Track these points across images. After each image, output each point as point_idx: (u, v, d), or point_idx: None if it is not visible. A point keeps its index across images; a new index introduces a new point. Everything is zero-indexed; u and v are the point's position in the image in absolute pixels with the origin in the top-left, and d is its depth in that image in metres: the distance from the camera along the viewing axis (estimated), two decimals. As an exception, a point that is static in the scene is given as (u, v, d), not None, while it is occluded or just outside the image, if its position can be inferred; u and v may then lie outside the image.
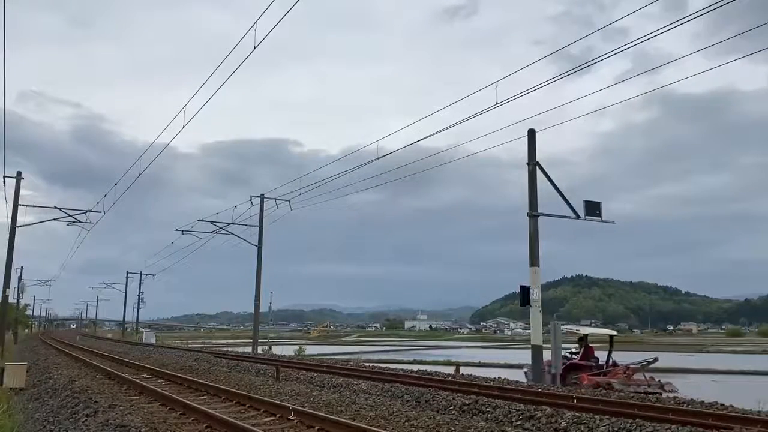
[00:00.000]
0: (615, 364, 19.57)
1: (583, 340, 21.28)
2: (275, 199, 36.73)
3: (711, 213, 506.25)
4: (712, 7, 12.95)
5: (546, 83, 16.96)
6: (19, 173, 31.99)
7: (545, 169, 20.55)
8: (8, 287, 31.46)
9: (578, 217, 20.76)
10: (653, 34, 14.41)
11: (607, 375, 18.66)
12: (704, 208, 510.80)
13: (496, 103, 17.80)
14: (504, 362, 39.11)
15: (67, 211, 33.54)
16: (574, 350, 21.66)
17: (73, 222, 33.89)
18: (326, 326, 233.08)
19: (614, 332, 23.36)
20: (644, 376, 18.38)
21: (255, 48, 12.90)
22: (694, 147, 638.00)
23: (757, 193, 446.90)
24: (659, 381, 17.91)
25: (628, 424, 9.37)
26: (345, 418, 9.46)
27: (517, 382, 17.50)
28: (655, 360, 19.76)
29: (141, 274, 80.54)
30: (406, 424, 9.75)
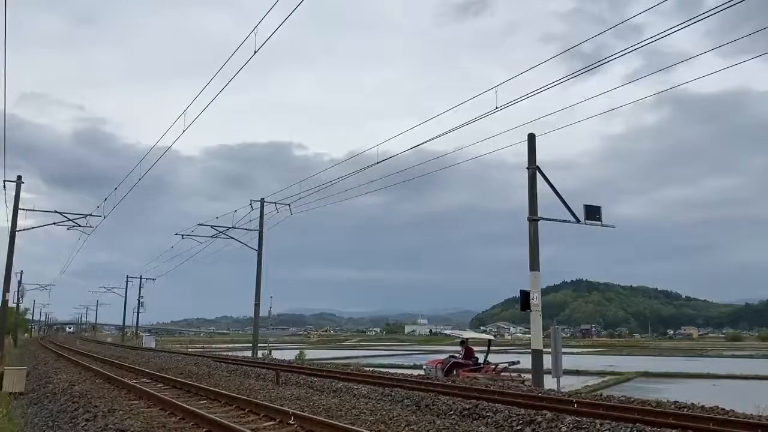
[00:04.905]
0: (488, 363, 23.29)
1: (464, 343, 24.69)
2: (275, 203, 36.71)
3: (714, 216, 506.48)
4: (728, 5, 12.72)
5: (551, 85, 16.77)
6: (19, 177, 31.97)
7: (553, 172, 20.69)
8: (8, 291, 31.42)
9: (578, 221, 20.77)
10: (667, 32, 13.89)
11: (479, 371, 22.18)
12: (709, 212, 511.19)
13: (496, 108, 17.78)
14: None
15: (67, 215, 33.51)
16: (461, 351, 24.81)
17: (73, 226, 33.87)
18: (326, 330, 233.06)
19: (491, 337, 30.29)
20: (509, 373, 22.09)
21: (255, 52, 12.92)
22: (704, 149, 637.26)
23: (765, 195, 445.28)
24: (521, 377, 21.55)
25: (629, 429, 9.35)
26: (345, 423, 9.44)
27: (515, 385, 17.66)
28: (518, 362, 24.06)
29: (141, 278, 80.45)
30: (406, 428, 9.74)
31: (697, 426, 9.92)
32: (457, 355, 24.67)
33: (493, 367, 23.12)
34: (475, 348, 25.03)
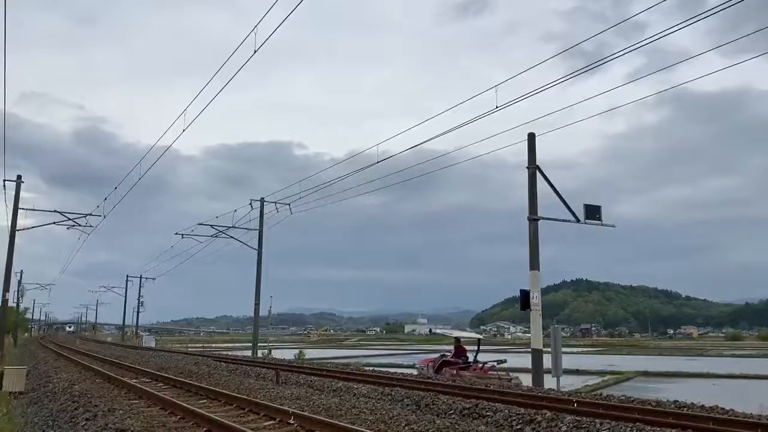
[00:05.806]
0: (477, 362, 23.75)
1: (458, 341, 25.04)
2: (275, 203, 36.73)
3: (714, 216, 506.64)
4: (728, 4, 12.67)
5: (551, 85, 16.74)
6: (19, 177, 31.98)
7: (553, 172, 20.70)
8: (8, 291, 31.42)
9: (578, 221, 20.78)
10: (668, 31, 13.91)
11: (467, 370, 22.62)
12: (709, 212, 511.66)
13: (496, 107, 17.77)
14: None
15: (67, 214, 33.50)
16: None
17: (73, 226, 33.86)
18: (326, 330, 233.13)
19: (480, 337, 31.76)
20: (496, 372, 22.60)
21: (255, 52, 12.92)
22: (704, 149, 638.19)
23: (765, 195, 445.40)
24: (508, 375, 22.18)
25: (629, 428, 9.35)
26: (345, 422, 9.43)
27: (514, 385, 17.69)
28: (504, 361, 24.60)
29: (141, 277, 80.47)
30: (406, 428, 9.74)
31: (697, 425, 9.91)
32: (448, 354, 25.04)
33: (481, 365, 23.52)
34: (467, 347, 25.25)
